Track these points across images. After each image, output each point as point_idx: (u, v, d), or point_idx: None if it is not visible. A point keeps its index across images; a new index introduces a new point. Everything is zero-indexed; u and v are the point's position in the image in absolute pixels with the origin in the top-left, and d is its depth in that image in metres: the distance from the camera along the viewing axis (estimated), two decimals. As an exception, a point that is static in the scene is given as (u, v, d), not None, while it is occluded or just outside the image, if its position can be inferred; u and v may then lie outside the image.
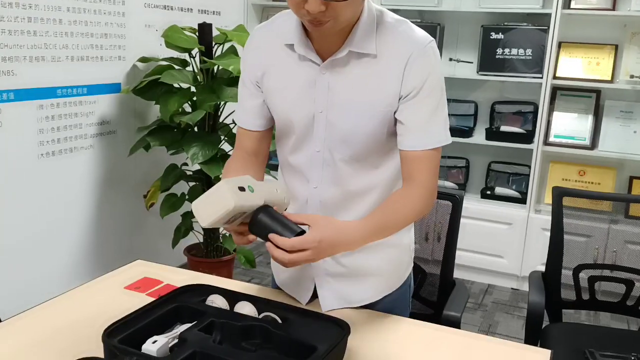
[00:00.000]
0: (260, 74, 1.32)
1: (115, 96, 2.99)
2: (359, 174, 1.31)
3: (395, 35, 1.23)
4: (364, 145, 1.27)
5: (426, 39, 1.23)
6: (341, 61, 1.23)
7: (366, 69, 1.23)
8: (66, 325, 1.30)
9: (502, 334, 3.06)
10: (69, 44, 2.68)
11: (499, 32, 3.61)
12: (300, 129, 1.30)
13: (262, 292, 1.49)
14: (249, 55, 1.35)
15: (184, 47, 2.88)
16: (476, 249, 3.56)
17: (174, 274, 1.59)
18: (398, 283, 1.44)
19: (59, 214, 2.75)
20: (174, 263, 3.50)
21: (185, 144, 2.78)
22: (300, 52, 1.25)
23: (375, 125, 1.25)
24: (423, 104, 1.23)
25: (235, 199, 1.07)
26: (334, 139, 1.28)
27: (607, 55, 3.46)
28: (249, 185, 1.13)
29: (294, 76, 1.28)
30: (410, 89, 1.21)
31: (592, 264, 2.18)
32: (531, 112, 3.67)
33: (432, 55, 1.23)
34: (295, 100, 1.29)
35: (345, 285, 1.39)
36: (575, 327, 2.18)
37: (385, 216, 1.24)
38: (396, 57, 1.21)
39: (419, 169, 1.25)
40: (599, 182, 3.56)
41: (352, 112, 1.25)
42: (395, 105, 1.24)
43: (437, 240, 1.98)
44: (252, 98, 1.36)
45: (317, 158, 1.31)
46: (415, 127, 1.24)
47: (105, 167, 2.98)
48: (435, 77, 1.23)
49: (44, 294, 1.59)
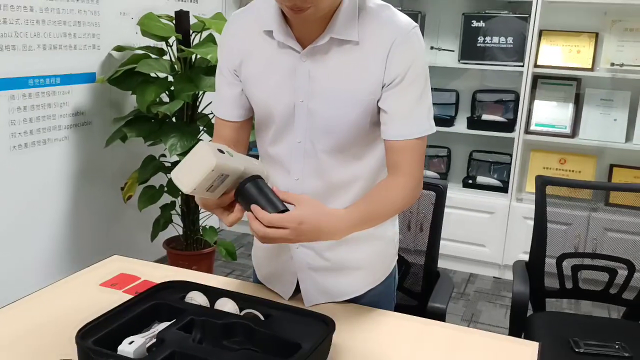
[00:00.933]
0: (238, 62, 1.27)
1: (90, 86, 2.91)
2: (342, 165, 1.27)
3: (377, 21, 1.19)
4: (346, 136, 1.24)
5: (409, 25, 1.19)
6: (322, 48, 1.19)
7: (348, 56, 1.19)
8: (37, 326, 1.24)
9: (485, 323, 3.06)
10: (40, 32, 2.59)
11: (480, 20, 3.59)
12: (281, 119, 1.26)
13: (244, 287, 1.44)
14: (226, 43, 1.30)
15: (161, 35, 2.81)
16: (458, 238, 3.56)
17: (151, 270, 1.54)
18: (383, 276, 1.41)
19: (33, 209, 2.67)
20: (153, 256, 3.45)
21: (163, 135, 2.72)
22: (280, 39, 1.20)
23: (358, 115, 1.21)
24: (407, 92, 1.19)
25: (217, 158, 1.05)
26: (315, 129, 1.24)
27: (587, 43, 3.46)
28: (227, 151, 1.11)
29: (273, 64, 1.23)
30: (393, 76, 1.18)
31: (575, 253, 2.18)
32: (512, 101, 3.65)
33: (416, 42, 1.20)
34: (274, 90, 1.24)
35: (328, 279, 1.36)
36: (559, 317, 2.18)
37: (371, 205, 1.21)
38: (379, 44, 1.17)
39: (404, 158, 1.22)
40: (579, 170, 3.57)
41: (334, 101, 1.21)
42: (379, 94, 1.20)
43: (420, 230, 1.96)
44: (230, 87, 1.31)
45: (298, 149, 1.27)
46: (399, 116, 1.20)
47: (80, 159, 2.91)
48: (419, 64, 1.20)
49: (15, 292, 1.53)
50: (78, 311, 1.27)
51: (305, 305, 1.35)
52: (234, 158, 1.11)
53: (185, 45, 2.84)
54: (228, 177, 1.09)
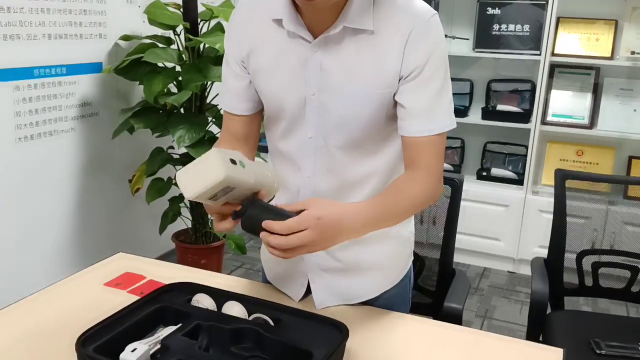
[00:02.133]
0: (245, 52, 1.20)
1: (97, 76, 2.85)
2: (356, 161, 1.20)
3: (394, 9, 1.11)
4: (360, 131, 1.17)
5: (428, 12, 1.12)
6: (335, 38, 1.11)
7: (362, 47, 1.11)
8: (37, 330, 1.19)
9: (500, 320, 2.99)
10: (45, 21, 2.53)
11: (495, 7, 3.49)
12: (291, 113, 1.19)
13: (253, 287, 1.39)
14: (233, 32, 1.22)
15: (168, 24, 2.74)
16: (472, 231, 3.48)
17: (157, 268, 1.48)
18: (398, 278, 1.34)
19: (39, 201, 2.63)
20: (161, 250, 3.41)
21: (171, 127, 2.66)
22: (290, 28, 1.13)
23: (373, 109, 1.14)
24: (426, 85, 1.12)
25: (226, 170, 0.97)
26: (327, 124, 1.17)
27: (606, 31, 3.35)
28: (240, 160, 1.03)
29: (283, 55, 1.16)
30: (411, 68, 1.10)
31: (595, 250, 2.10)
32: (528, 91, 3.56)
33: (436, 30, 1.12)
34: (284, 82, 1.17)
35: (340, 281, 1.29)
36: (578, 316, 2.11)
37: (389, 201, 1.14)
38: (395, 33, 1.10)
39: (423, 155, 1.14)
40: (597, 162, 3.47)
41: (347, 94, 1.13)
42: (395, 87, 1.12)
43: (433, 224, 1.89)
44: (237, 79, 1.24)
45: (310, 145, 1.20)
46: (418, 112, 1.13)
47: (87, 150, 2.86)
48: (439, 55, 1.12)
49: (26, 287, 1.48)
50: (80, 313, 1.22)
51: (316, 308, 1.29)
52: (245, 170, 1.03)
53: (193, 34, 2.77)
54: (235, 189, 1.01)
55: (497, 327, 2.91)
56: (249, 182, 1.03)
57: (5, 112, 2.41)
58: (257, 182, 1.05)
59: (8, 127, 2.43)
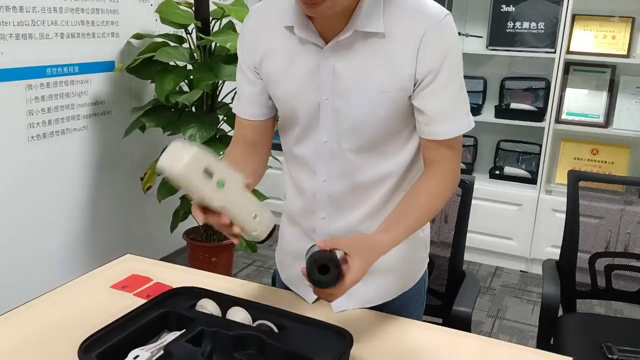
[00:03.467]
0: (258, 59, 1.20)
1: (109, 75, 2.86)
2: (371, 164, 1.20)
3: (404, 11, 1.09)
4: (375, 134, 1.16)
5: (441, 13, 1.09)
6: (346, 42, 1.10)
7: (374, 50, 1.10)
8: (41, 334, 1.19)
9: (512, 320, 2.97)
10: (58, 20, 2.55)
11: (510, 4, 3.45)
12: (305, 118, 1.18)
13: (261, 292, 1.38)
14: (246, 39, 1.22)
15: (180, 22, 2.74)
16: (484, 230, 3.46)
17: (164, 270, 1.48)
18: (413, 281, 1.34)
19: (51, 199, 2.65)
20: (172, 247, 3.43)
21: (182, 125, 2.67)
22: (301, 34, 1.12)
23: (387, 112, 1.13)
24: (444, 89, 1.11)
25: (195, 147, 0.94)
26: (341, 128, 1.16)
27: (623, 28, 3.30)
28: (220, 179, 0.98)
29: (296, 61, 1.15)
30: (426, 71, 1.09)
31: (608, 252, 2.07)
32: (542, 89, 3.52)
33: (449, 31, 1.10)
34: (297, 88, 1.17)
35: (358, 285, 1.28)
36: (590, 319, 2.08)
37: (412, 216, 1.16)
38: (408, 36, 1.08)
39: (445, 156, 1.16)
40: (612, 162, 3.43)
41: (360, 98, 1.12)
42: (410, 89, 1.11)
43: (445, 222, 1.88)
44: (251, 85, 1.24)
45: (324, 149, 1.19)
46: (438, 117, 1.13)
47: (99, 149, 2.87)
48: (454, 57, 1.11)
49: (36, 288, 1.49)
50: (85, 317, 1.22)
51: (334, 311, 1.28)
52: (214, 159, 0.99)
53: (204, 33, 2.77)
54: (213, 175, 0.97)
55: (509, 328, 2.89)
56: (222, 165, 0.99)
57: (17, 111, 2.43)
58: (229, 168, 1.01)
59: (20, 126, 2.45)
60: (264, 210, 1.08)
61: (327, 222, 1.25)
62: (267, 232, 1.09)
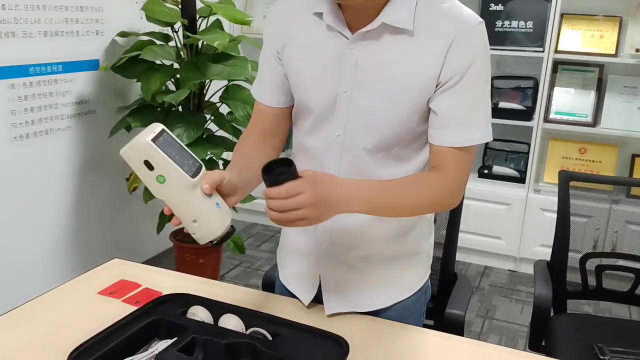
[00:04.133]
0: (282, 43, 1.18)
1: (93, 73, 2.81)
2: (382, 165, 1.16)
3: (438, 12, 1.07)
4: (390, 134, 1.13)
5: (475, 19, 1.08)
6: (373, 35, 1.08)
7: (400, 47, 1.08)
8: (28, 342, 1.15)
9: (501, 320, 2.96)
10: (41, 18, 2.49)
11: (498, 3, 3.45)
12: (320, 108, 1.16)
13: (253, 297, 1.35)
14: (272, 23, 1.21)
15: (166, 20, 2.69)
16: (473, 230, 3.45)
17: (153, 275, 1.45)
18: (412, 290, 1.30)
19: (36, 201, 2.59)
20: (159, 248, 3.39)
21: (169, 125, 2.60)
22: (329, 22, 1.10)
23: (405, 112, 1.10)
24: (464, 94, 1.08)
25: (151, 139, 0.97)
26: (357, 123, 1.13)
27: (610, 27, 3.31)
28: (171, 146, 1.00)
29: (319, 48, 1.14)
30: (451, 74, 1.06)
31: (599, 253, 2.07)
32: (531, 88, 3.52)
33: (480, 39, 1.08)
34: (317, 76, 1.14)
35: (353, 287, 1.26)
36: (581, 319, 2.08)
37: (397, 186, 1.11)
38: (438, 37, 1.06)
39: (452, 164, 1.11)
40: (600, 161, 3.44)
41: (380, 94, 1.10)
42: (432, 92, 1.09)
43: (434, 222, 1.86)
44: (272, 70, 1.22)
45: (336, 143, 1.16)
46: (452, 122, 1.09)
47: (84, 149, 2.82)
48: (480, 64, 1.08)
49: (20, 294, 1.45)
50: (73, 325, 1.18)
51: (325, 313, 1.26)
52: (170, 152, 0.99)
53: (191, 31, 2.73)
54: (154, 169, 0.98)
55: (498, 328, 2.88)
56: (173, 169, 0.98)
57: (0, 111, 2.38)
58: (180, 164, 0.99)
59: (3, 126, 2.40)
60: (215, 217, 1.04)
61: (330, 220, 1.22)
62: (210, 239, 1.04)
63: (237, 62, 2.71)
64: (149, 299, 1.24)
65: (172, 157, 0.98)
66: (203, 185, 1.02)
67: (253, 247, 3.66)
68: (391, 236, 1.23)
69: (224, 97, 2.79)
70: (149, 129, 0.99)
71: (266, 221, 4.01)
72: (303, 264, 1.30)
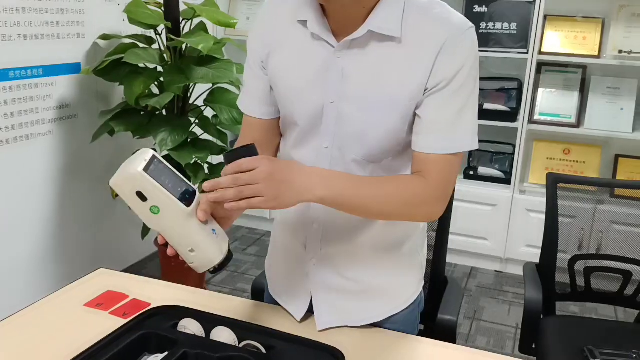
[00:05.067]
0: (266, 53, 1.15)
1: (75, 77, 2.76)
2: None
3: (427, 18, 1.04)
4: (379, 144, 1.10)
5: (465, 24, 1.05)
6: (359, 43, 1.05)
7: (388, 55, 1.05)
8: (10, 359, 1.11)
9: (489, 321, 2.97)
10: (20, 21, 2.44)
11: (482, 4, 3.45)
12: (307, 120, 1.12)
13: (245, 308, 1.32)
14: (256, 32, 1.18)
15: (149, 23, 2.65)
16: (459, 231, 3.44)
17: (140, 285, 1.41)
18: (405, 303, 1.27)
19: (17, 208, 2.54)
20: (143, 254, 3.34)
21: (153, 129, 2.58)
22: (314, 30, 1.07)
23: (394, 121, 1.07)
24: (450, 100, 1.05)
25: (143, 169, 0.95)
26: (345, 134, 1.10)
27: (593, 29, 3.33)
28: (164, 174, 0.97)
29: (304, 58, 1.10)
30: (439, 79, 1.03)
31: (588, 255, 2.07)
32: (515, 89, 3.53)
33: (470, 44, 1.05)
34: (302, 86, 1.11)
35: (345, 301, 1.23)
36: (570, 321, 2.08)
37: (367, 181, 1.07)
38: (427, 44, 1.03)
39: (432, 172, 1.07)
40: (584, 161, 3.46)
41: (368, 104, 1.07)
42: (420, 99, 1.06)
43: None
44: (258, 81, 1.19)
45: (325, 156, 1.13)
46: (437, 127, 1.06)
47: (66, 154, 2.77)
48: (469, 70, 1.04)
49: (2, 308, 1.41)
50: (58, 339, 1.15)
51: (317, 328, 1.23)
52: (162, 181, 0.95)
53: (175, 34, 2.69)
54: (147, 200, 0.95)
55: (486, 330, 2.88)
56: (166, 198, 0.95)
57: (-21, 116, 2.32)
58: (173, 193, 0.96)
59: (-18, 131, 2.34)
60: (213, 244, 1.00)
61: (320, 233, 1.19)
62: (208, 267, 1.01)
63: (221, 64, 2.68)
64: (137, 311, 1.22)
65: (166, 186, 0.95)
66: (198, 213, 0.98)
67: (239, 250, 3.63)
68: (384, 248, 1.21)
69: (209, 101, 2.75)
70: (139, 156, 0.96)
71: (252, 224, 3.98)
72: (293, 281, 1.27)
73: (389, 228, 1.18)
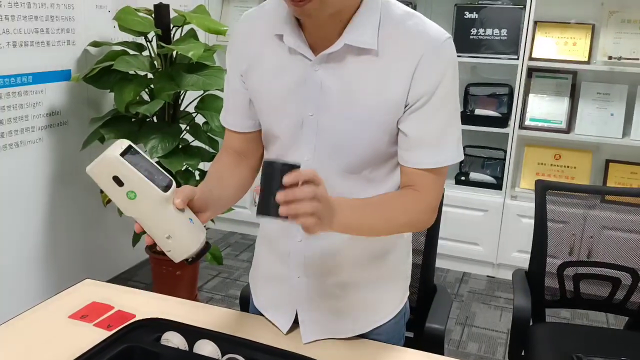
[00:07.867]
0: (245, 67, 1.15)
1: (65, 84, 2.75)
2: (354, 189, 1.12)
3: (403, 31, 1.04)
4: (360, 156, 1.10)
5: (442, 36, 1.05)
6: (336, 56, 1.05)
7: (365, 68, 1.04)
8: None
9: (480, 327, 2.97)
10: (10, 28, 2.43)
11: (473, 11, 3.46)
12: (287, 133, 1.13)
13: (232, 319, 1.32)
14: (234, 47, 1.18)
15: (139, 30, 2.65)
16: (451, 236, 3.45)
17: (126, 296, 1.41)
18: (390, 314, 1.27)
19: (7, 216, 2.53)
20: (134, 261, 3.34)
21: (144, 137, 2.58)
22: (290, 44, 1.07)
23: (374, 134, 1.08)
24: (434, 115, 1.05)
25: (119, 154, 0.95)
26: (325, 147, 1.10)
27: (583, 35, 3.35)
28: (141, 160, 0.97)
29: (282, 72, 1.10)
30: (419, 95, 1.03)
31: (577, 261, 2.08)
32: (506, 95, 3.54)
33: (449, 55, 1.05)
34: (282, 100, 1.11)
35: (329, 314, 1.23)
36: (560, 328, 2.08)
37: (370, 204, 1.07)
38: (404, 57, 1.03)
39: (424, 185, 1.08)
40: (574, 166, 3.47)
41: (347, 116, 1.07)
42: (400, 114, 1.05)
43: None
44: (237, 95, 1.19)
45: (305, 168, 1.13)
46: (424, 143, 1.06)
47: (56, 161, 2.76)
48: (449, 83, 1.05)
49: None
50: (42, 352, 1.14)
51: (302, 341, 1.23)
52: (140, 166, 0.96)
53: (165, 41, 2.69)
54: (124, 185, 0.95)
55: (478, 335, 2.89)
56: (141, 181, 0.95)
57: (-33, 124, 2.32)
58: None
59: (-29, 139, 2.34)
60: (190, 232, 1.01)
61: (303, 245, 1.19)
62: (185, 256, 1.01)
63: (212, 72, 2.68)
64: (122, 322, 1.21)
65: (142, 172, 0.96)
66: (175, 200, 0.99)
67: (231, 256, 3.62)
68: (368, 260, 1.21)
69: (200, 107, 2.75)
70: (116, 145, 0.97)
71: (244, 230, 3.97)
72: (277, 295, 1.27)
73: (372, 240, 1.18)
